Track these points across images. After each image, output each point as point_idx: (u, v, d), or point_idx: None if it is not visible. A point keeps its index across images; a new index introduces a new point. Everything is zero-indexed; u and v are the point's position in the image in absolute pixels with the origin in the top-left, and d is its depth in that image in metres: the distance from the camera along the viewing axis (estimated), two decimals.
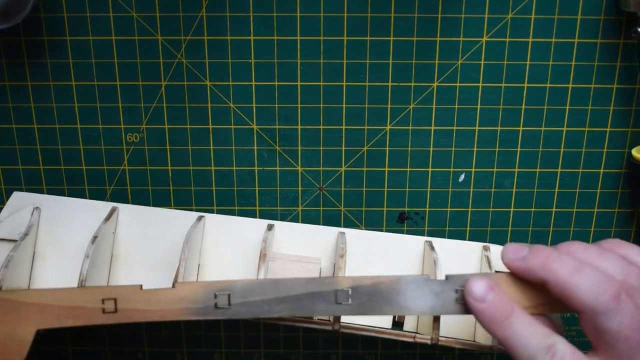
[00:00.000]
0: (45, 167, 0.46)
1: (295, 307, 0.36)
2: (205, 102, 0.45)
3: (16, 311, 0.37)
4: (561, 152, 0.46)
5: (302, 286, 0.36)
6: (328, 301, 0.36)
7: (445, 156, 0.46)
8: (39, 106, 0.45)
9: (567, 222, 0.47)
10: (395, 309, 0.36)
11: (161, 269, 0.46)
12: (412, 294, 0.36)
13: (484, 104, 0.44)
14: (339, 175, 0.46)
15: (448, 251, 0.46)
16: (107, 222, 0.44)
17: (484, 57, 0.43)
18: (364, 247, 0.46)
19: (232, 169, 0.46)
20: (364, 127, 0.45)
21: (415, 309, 0.36)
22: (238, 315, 0.36)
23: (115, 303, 0.37)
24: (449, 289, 0.36)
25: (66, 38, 0.43)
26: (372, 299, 0.36)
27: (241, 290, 0.36)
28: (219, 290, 0.36)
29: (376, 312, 0.36)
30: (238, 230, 0.46)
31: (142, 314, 0.37)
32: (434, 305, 0.36)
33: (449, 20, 0.43)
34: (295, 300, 0.36)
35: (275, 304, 0.36)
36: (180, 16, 0.43)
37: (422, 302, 0.36)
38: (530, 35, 0.43)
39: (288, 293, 0.36)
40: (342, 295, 0.36)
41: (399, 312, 0.36)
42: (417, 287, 0.36)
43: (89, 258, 0.40)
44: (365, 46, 0.43)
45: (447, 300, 0.36)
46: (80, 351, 0.51)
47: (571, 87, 0.44)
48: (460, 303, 0.36)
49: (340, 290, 0.36)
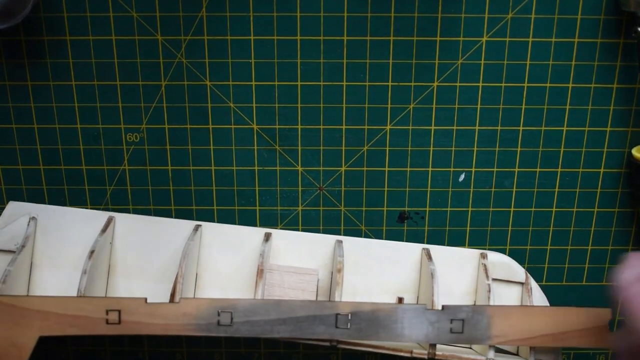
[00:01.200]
0: (45, 167, 0.46)
1: (295, 329, 0.37)
2: (205, 102, 0.45)
3: (19, 317, 0.38)
4: (561, 152, 0.46)
5: (303, 309, 0.37)
6: (328, 324, 0.37)
7: (445, 156, 0.46)
8: (39, 106, 0.45)
9: (567, 222, 0.47)
10: (392, 336, 0.38)
11: (159, 279, 0.46)
12: (409, 322, 0.38)
13: (484, 104, 0.44)
14: (339, 175, 0.46)
15: (446, 259, 0.46)
16: (103, 233, 0.44)
17: (484, 57, 0.43)
18: (361, 256, 0.46)
19: (232, 169, 0.46)
20: (364, 127, 0.45)
21: (411, 337, 0.38)
22: (239, 333, 0.37)
23: (119, 315, 0.37)
24: (444, 319, 0.38)
25: (66, 38, 0.43)
26: (371, 325, 0.37)
27: (244, 310, 0.37)
28: (223, 308, 0.37)
29: (373, 338, 0.38)
30: (236, 240, 0.46)
31: (145, 327, 0.37)
32: (429, 334, 0.38)
33: (449, 20, 0.43)
34: (296, 322, 0.37)
35: (277, 324, 0.37)
36: (180, 16, 0.43)
37: (418, 330, 0.38)
38: (530, 35, 0.43)
39: (289, 315, 0.37)
40: (342, 320, 0.37)
41: (396, 339, 0.38)
42: (415, 316, 0.38)
43: (87, 274, 0.41)
44: (365, 46, 0.43)
45: (442, 330, 0.38)
46: (80, 351, 0.51)
47: (571, 87, 0.44)
48: (454, 333, 0.37)
49: (341, 315, 0.37)
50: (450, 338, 0.38)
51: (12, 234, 0.45)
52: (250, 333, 0.37)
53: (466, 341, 0.39)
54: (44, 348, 0.51)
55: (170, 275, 0.45)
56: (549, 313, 0.40)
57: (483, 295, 0.44)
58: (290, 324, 0.37)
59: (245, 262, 0.46)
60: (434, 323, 0.38)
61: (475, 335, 0.39)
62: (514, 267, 0.45)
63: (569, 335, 0.39)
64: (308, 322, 0.37)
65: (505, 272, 0.45)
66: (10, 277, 0.41)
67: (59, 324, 0.37)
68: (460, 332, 0.38)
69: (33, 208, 0.46)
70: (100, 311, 0.38)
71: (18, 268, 0.43)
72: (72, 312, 0.38)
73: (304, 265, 0.46)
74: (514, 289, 0.45)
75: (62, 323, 0.37)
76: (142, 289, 0.46)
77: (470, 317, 0.39)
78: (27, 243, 0.44)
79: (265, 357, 0.51)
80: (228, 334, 0.37)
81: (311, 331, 0.37)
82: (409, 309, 0.38)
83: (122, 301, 0.38)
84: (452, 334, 0.38)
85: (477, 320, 0.39)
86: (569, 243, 0.48)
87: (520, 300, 0.45)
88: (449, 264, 0.46)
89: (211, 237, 0.46)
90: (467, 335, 0.39)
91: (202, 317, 0.37)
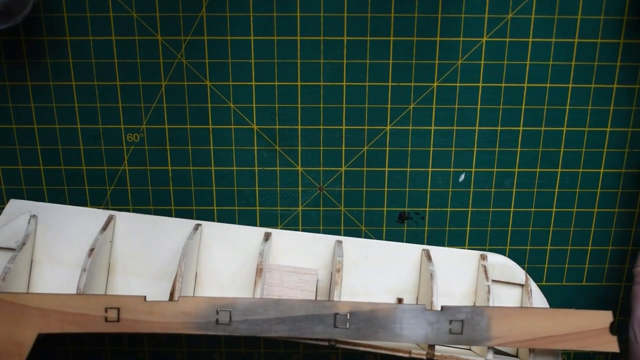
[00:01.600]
0: (45, 167, 0.46)
1: (294, 328, 0.37)
2: (205, 102, 0.45)
3: (18, 314, 0.37)
4: (561, 152, 0.46)
5: (302, 308, 0.37)
6: (326, 324, 0.37)
7: (445, 156, 0.46)
8: (39, 106, 0.45)
9: (567, 222, 0.47)
10: (391, 336, 0.37)
11: (158, 277, 0.46)
12: (408, 322, 0.38)
13: (484, 104, 0.44)
14: (339, 175, 0.46)
15: (445, 260, 0.46)
16: (103, 232, 0.44)
17: (484, 57, 0.43)
18: (361, 257, 0.46)
19: (232, 169, 0.46)
20: (364, 127, 0.45)
21: (410, 337, 0.38)
22: (238, 332, 0.37)
23: (119, 313, 0.37)
24: (443, 319, 0.38)
25: (66, 38, 0.43)
26: (369, 324, 0.37)
27: (243, 309, 0.37)
28: (221, 307, 0.37)
29: (372, 337, 0.37)
30: (236, 239, 0.46)
31: (144, 325, 0.37)
32: (428, 335, 0.38)
33: (449, 20, 0.43)
34: (295, 322, 0.37)
35: (275, 323, 0.37)
36: (180, 16, 0.43)
37: (417, 331, 0.38)
38: (530, 35, 0.43)
39: (288, 314, 0.37)
40: (341, 320, 0.37)
41: (394, 339, 0.38)
42: (413, 316, 0.38)
43: (86, 272, 0.41)
44: (365, 46, 0.43)
45: (441, 331, 0.38)
46: (80, 351, 0.51)
47: (571, 87, 0.44)
48: (453, 333, 0.37)
49: (339, 315, 0.37)
50: (450, 339, 0.38)
51: (12, 231, 0.45)
52: (248, 332, 0.37)
53: (465, 342, 0.39)
54: (44, 347, 0.51)
55: (170, 273, 0.45)
56: (549, 315, 0.40)
57: (482, 297, 0.44)
58: (288, 323, 0.37)
59: (245, 261, 0.46)
60: (433, 324, 0.38)
61: (475, 336, 0.39)
62: (514, 269, 0.45)
63: (570, 337, 0.39)
64: (307, 322, 0.37)
65: (505, 273, 0.45)
66: (10, 275, 0.41)
67: (58, 322, 0.37)
68: (460, 333, 0.38)
69: (33, 206, 0.46)
70: (100, 309, 0.38)
71: (18, 266, 0.43)
72: (72, 309, 0.38)
73: (303, 265, 0.46)
74: (513, 291, 0.45)
75: (62, 320, 0.37)
76: (141, 287, 0.46)
77: (470, 318, 0.39)
78: (28, 241, 0.44)
79: (265, 357, 0.51)
80: (227, 332, 0.37)
81: (310, 331, 0.37)
82: (408, 309, 0.38)
83: (121, 299, 0.38)
84: (451, 334, 0.38)
85: (476, 322, 0.39)
86: (569, 243, 0.48)
87: (520, 302, 0.45)
88: (448, 265, 0.46)
89: (211, 236, 0.46)
90: (467, 337, 0.38)
91: (200, 315, 0.37)
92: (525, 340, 0.39)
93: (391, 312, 0.38)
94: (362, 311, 0.38)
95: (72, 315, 0.38)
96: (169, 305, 0.38)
